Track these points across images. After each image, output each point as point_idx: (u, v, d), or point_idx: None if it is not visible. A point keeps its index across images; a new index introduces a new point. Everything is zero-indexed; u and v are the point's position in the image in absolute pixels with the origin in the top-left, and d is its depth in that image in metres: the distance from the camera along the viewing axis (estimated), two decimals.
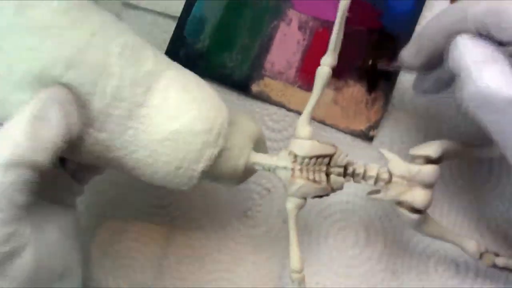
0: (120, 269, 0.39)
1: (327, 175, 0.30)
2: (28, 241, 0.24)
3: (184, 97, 0.28)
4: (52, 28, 0.25)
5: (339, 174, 0.30)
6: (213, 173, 0.30)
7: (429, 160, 0.31)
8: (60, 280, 0.28)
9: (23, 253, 0.24)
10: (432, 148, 0.31)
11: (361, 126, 0.39)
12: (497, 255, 0.33)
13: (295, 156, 0.30)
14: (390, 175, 0.30)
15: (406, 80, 0.39)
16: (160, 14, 0.42)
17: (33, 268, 0.25)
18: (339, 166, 0.30)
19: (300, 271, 0.30)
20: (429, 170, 0.30)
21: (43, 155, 0.24)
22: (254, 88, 0.40)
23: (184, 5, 0.41)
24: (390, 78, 0.39)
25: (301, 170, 0.29)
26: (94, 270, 0.39)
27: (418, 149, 0.31)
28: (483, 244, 0.34)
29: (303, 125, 0.30)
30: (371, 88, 0.39)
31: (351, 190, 0.38)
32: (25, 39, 0.25)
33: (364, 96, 0.39)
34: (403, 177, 0.30)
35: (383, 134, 0.39)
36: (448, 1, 0.40)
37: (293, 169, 0.29)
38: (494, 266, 0.33)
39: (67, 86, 0.25)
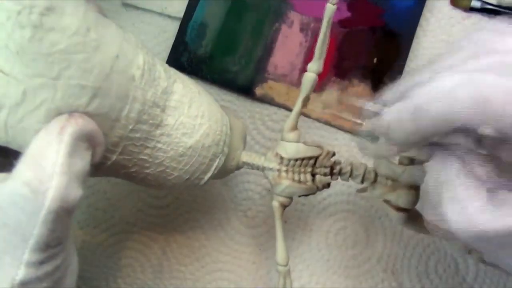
0: (120, 269, 0.39)
1: (313, 175, 0.31)
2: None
3: (194, 113, 0.28)
4: (75, 53, 0.22)
5: (325, 174, 0.31)
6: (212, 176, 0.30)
7: (414, 161, 0.31)
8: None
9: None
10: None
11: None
12: None
13: (281, 158, 0.30)
14: (376, 174, 0.31)
15: None
16: (160, 14, 0.42)
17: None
18: (325, 167, 0.31)
19: (285, 264, 0.31)
20: (414, 171, 0.30)
21: (77, 192, 0.22)
22: (258, 91, 0.40)
23: (185, 11, 0.41)
24: (395, 74, 0.39)
25: (286, 171, 0.30)
26: (94, 270, 0.39)
27: None
28: None
29: (290, 128, 0.31)
30: (376, 86, 0.39)
31: (351, 190, 0.38)
32: (45, 67, 0.21)
33: (369, 95, 0.39)
34: (387, 177, 0.30)
35: None
36: (448, 1, 0.40)
37: (279, 170, 0.30)
38: (483, 261, 0.33)
39: (91, 115, 0.23)
